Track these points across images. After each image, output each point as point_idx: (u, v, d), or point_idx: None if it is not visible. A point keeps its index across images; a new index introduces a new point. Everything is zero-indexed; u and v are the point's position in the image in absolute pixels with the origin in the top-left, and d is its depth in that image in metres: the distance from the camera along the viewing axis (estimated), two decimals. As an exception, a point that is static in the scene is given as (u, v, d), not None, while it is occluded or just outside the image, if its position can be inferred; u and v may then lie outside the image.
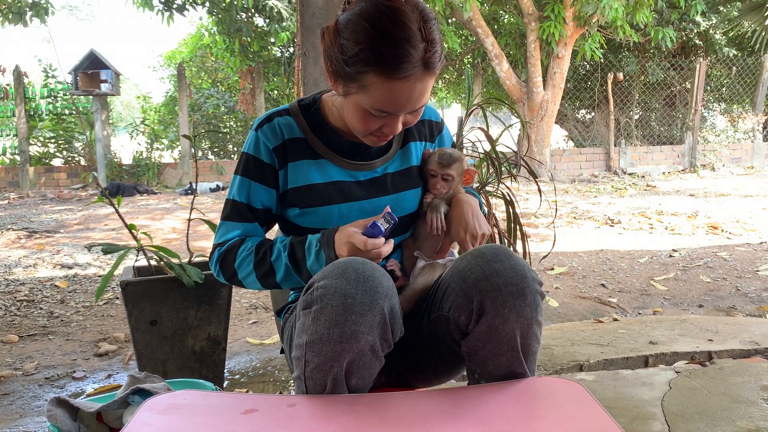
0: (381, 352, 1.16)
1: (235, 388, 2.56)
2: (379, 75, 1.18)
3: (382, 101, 1.22)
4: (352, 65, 1.20)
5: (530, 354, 1.22)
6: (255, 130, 1.39)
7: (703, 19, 11.36)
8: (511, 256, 1.21)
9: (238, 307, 3.62)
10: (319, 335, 1.11)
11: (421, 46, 1.17)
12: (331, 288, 1.12)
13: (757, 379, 2.28)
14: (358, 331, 1.10)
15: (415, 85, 1.20)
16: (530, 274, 1.20)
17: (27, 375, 2.66)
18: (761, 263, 4.40)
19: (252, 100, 11.00)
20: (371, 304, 1.11)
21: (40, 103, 10.51)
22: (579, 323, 3.17)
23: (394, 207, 1.40)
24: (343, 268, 1.14)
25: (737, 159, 11.81)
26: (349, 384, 1.14)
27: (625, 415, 2.03)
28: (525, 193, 7.49)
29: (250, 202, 1.39)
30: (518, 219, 2.54)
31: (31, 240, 5.57)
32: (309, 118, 1.40)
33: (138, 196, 8.96)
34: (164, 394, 1.21)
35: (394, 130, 1.29)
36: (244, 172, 1.39)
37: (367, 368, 1.15)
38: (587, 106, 12.26)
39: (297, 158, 1.38)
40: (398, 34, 1.16)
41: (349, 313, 1.10)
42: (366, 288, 1.12)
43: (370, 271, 1.14)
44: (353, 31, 1.19)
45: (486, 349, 1.20)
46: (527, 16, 9.59)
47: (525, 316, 1.18)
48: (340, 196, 1.37)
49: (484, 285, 1.18)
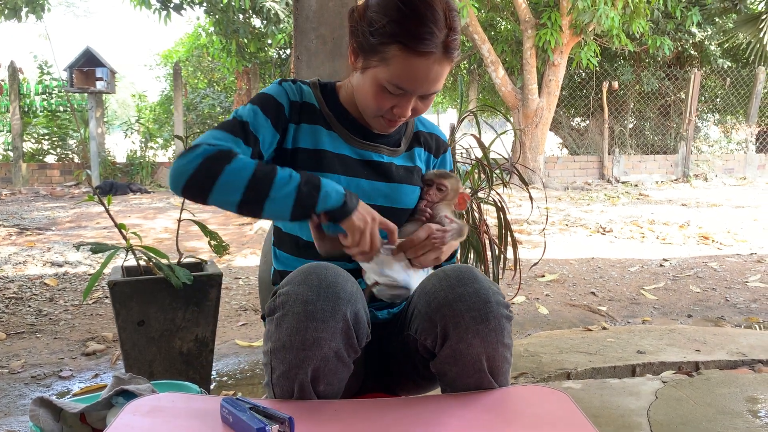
0: (347, 358, 1.15)
1: (222, 390, 2.56)
2: (402, 48, 1.22)
3: (401, 76, 1.24)
4: (378, 36, 1.23)
5: (500, 374, 1.20)
6: (278, 83, 1.41)
7: (698, 30, 11.42)
8: (475, 280, 1.19)
9: (227, 308, 3.61)
10: (281, 342, 1.11)
11: (444, 30, 1.23)
12: (292, 294, 1.12)
13: (743, 390, 2.29)
14: (320, 338, 1.09)
15: (433, 65, 1.24)
16: (494, 298, 1.18)
17: (13, 373, 2.65)
18: (751, 274, 4.42)
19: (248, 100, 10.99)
20: (333, 310, 1.10)
21: (34, 100, 10.48)
22: (568, 331, 3.17)
23: (391, 196, 1.41)
24: (306, 274, 1.14)
25: (730, 170, 11.87)
26: (317, 390, 1.14)
27: (611, 424, 2.03)
28: (518, 200, 7.50)
29: (257, 130, 1.31)
30: (509, 226, 2.55)
31: (21, 237, 5.54)
32: (326, 95, 1.43)
33: (131, 194, 8.93)
34: (148, 396, 1.20)
35: (404, 112, 1.30)
36: (257, 102, 1.35)
37: (334, 374, 1.14)
38: (582, 113, 12.31)
39: (312, 122, 1.39)
40: (426, 13, 1.21)
41: (311, 320, 1.09)
42: (328, 294, 1.11)
43: (333, 277, 1.14)
44: (383, 6, 1.24)
45: (453, 371, 1.20)
46: (524, 24, 9.63)
47: (489, 341, 1.16)
48: (342, 169, 1.38)
49: (447, 310, 1.17)
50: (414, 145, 1.50)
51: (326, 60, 2.28)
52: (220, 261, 4.60)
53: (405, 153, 1.47)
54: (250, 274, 4.37)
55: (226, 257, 4.78)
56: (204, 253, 4.53)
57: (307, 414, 1.10)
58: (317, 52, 2.25)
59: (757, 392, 2.28)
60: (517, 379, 2.47)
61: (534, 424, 1.11)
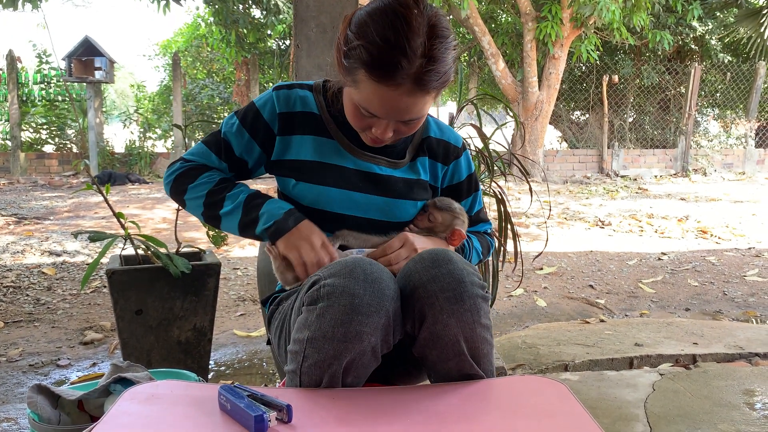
0: (380, 353, 1.16)
1: (220, 380, 2.56)
2: (368, 76, 1.18)
3: (368, 102, 1.22)
4: (348, 58, 1.21)
5: (481, 356, 1.20)
6: (273, 90, 1.41)
7: (699, 24, 11.39)
8: (449, 261, 1.19)
9: (225, 299, 3.61)
10: (322, 332, 1.11)
11: (417, 61, 1.16)
12: (339, 287, 1.11)
13: (740, 383, 2.30)
14: (362, 332, 1.10)
15: (402, 97, 1.19)
16: (469, 278, 1.18)
17: (11, 361, 2.65)
18: (749, 268, 4.43)
19: (247, 91, 10.97)
20: (378, 306, 1.11)
21: (33, 89, 10.44)
22: (566, 323, 3.18)
23: (387, 210, 1.40)
24: (352, 268, 1.14)
25: (729, 164, 11.87)
26: (345, 381, 1.15)
27: (608, 415, 2.04)
28: (517, 193, 7.50)
29: (233, 145, 1.41)
30: (510, 218, 2.54)
31: (19, 226, 5.53)
32: (329, 100, 1.42)
33: (129, 185, 8.92)
34: (146, 383, 1.20)
35: (383, 134, 1.28)
36: (243, 117, 1.41)
37: (365, 368, 1.15)
38: (582, 107, 12.29)
39: (305, 132, 1.39)
40: (398, 41, 1.15)
41: (356, 314, 1.09)
42: (374, 290, 1.11)
43: (378, 273, 1.14)
44: (359, 27, 1.19)
45: (433, 354, 1.19)
46: (524, 16, 9.60)
47: (465, 321, 1.16)
48: (337, 182, 1.37)
49: (422, 292, 1.17)
50: (419, 154, 1.46)
51: (326, 49, 2.27)
52: (219, 252, 4.60)
53: (408, 164, 1.44)
54: (248, 265, 4.37)
55: (224, 248, 4.78)
56: (202, 244, 4.53)
57: (305, 402, 1.10)
58: (317, 41, 2.24)
59: (753, 385, 2.28)
60: (514, 370, 2.48)
61: (532, 414, 1.11)
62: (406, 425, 1.04)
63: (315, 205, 1.37)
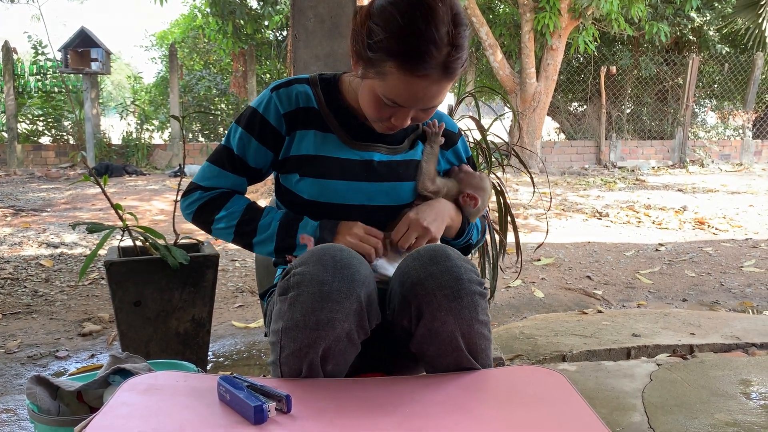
0: (357, 339, 1.16)
1: (219, 371, 2.56)
2: (398, 67, 1.18)
3: (396, 93, 1.22)
4: (375, 51, 1.19)
5: (479, 352, 1.20)
6: (271, 90, 1.40)
7: (697, 15, 11.36)
8: (447, 258, 1.19)
9: (224, 290, 3.61)
10: (294, 322, 1.11)
11: (445, 49, 1.17)
12: (307, 275, 1.12)
13: (737, 373, 2.31)
14: (334, 319, 1.10)
15: (431, 85, 1.20)
16: (466, 275, 1.18)
17: (9, 353, 2.65)
18: (745, 259, 4.44)
19: (244, 83, 10.93)
20: (348, 291, 1.11)
21: (29, 80, 10.40)
22: (563, 314, 3.19)
23: (392, 194, 1.41)
24: (320, 255, 1.15)
25: (726, 156, 11.88)
26: (325, 370, 1.15)
27: (606, 405, 2.05)
28: (515, 184, 7.50)
29: (246, 157, 1.40)
30: (509, 209, 2.54)
31: (17, 218, 5.52)
32: (326, 92, 1.41)
33: (127, 176, 8.90)
34: (145, 374, 1.20)
35: (402, 122, 1.29)
36: (248, 126, 1.40)
37: (343, 355, 1.15)
38: (579, 98, 12.27)
39: (307, 127, 1.39)
40: (426, 32, 1.16)
41: (326, 301, 1.10)
42: (343, 275, 1.12)
43: (348, 258, 1.14)
44: (384, 18, 1.18)
45: (430, 350, 1.19)
46: (522, 7, 9.56)
47: (463, 318, 1.16)
48: (341, 174, 1.38)
49: (419, 289, 1.17)
50: (419, 140, 1.48)
51: (324, 39, 2.25)
52: (217, 243, 4.59)
53: (407, 150, 1.46)
54: (246, 256, 4.37)
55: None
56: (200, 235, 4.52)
57: (304, 392, 1.11)
58: (315, 31, 2.23)
59: (750, 375, 2.30)
60: (512, 361, 2.48)
61: (530, 403, 1.12)
62: (404, 415, 1.05)
63: (320, 198, 1.38)
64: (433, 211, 1.39)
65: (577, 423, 1.04)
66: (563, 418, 1.06)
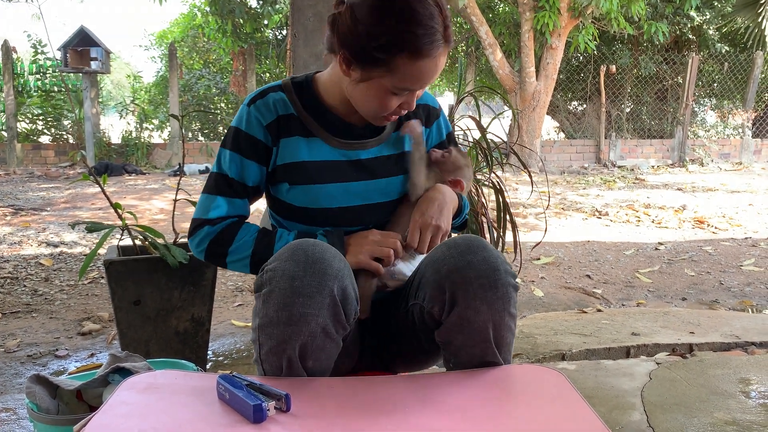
0: (335, 334, 1.15)
1: (218, 370, 2.56)
2: (410, 57, 1.19)
3: (410, 79, 1.23)
4: (383, 50, 1.19)
5: (504, 345, 1.21)
6: (247, 105, 1.37)
7: (697, 14, 11.36)
8: (484, 248, 1.20)
9: (223, 289, 3.61)
10: (269, 318, 1.12)
11: (439, 18, 1.19)
12: (279, 270, 1.12)
13: (736, 371, 2.31)
14: (307, 314, 1.10)
15: (439, 59, 1.22)
16: (503, 267, 1.19)
17: (9, 352, 2.65)
18: (745, 258, 4.44)
19: (244, 82, 10.92)
20: (319, 285, 1.11)
21: (28, 80, 10.39)
22: (563, 313, 3.19)
23: (386, 191, 1.40)
24: (293, 251, 1.14)
25: (726, 155, 11.88)
26: (305, 366, 1.15)
27: (605, 404, 2.05)
28: (514, 183, 7.50)
29: (243, 179, 1.37)
30: (508, 208, 2.54)
31: (16, 217, 5.52)
32: (302, 95, 1.38)
33: (126, 176, 8.89)
34: (144, 373, 1.20)
35: (411, 105, 1.30)
36: (235, 147, 1.36)
37: (322, 350, 1.15)
38: (579, 97, 12.27)
39: (289, 134, 1.36)
40: (423, 12, 1.17)
41: (297, 296, 1.10)
42: (314, 269, 1.11)
43: (320, 253, 1.14)
44: (376, 15, 1.18)
45: (458, 339, 1.20)
46: (522, 6, 9.56)
47: (496, 309, 1.17)
48: (330, 176, 1.36)
49: (456, 277, 1.18)
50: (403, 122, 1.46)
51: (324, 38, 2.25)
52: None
53: (393, 135, 1.44)
54: (246, 256, 4.36)
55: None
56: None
57: (304, 391, 1.11)
58: (314, 30, 2.23)
59: (749, 374, 2.30)
60: (512, 360, 2.48)
61: (530, 402, 1.12)
62: (404, 414, 1.05)
63: (315, 204, 1.36)
64: (436, 204, 1.37)
65: (576, 422, 1.04)
66: (562, 416, 1.06)
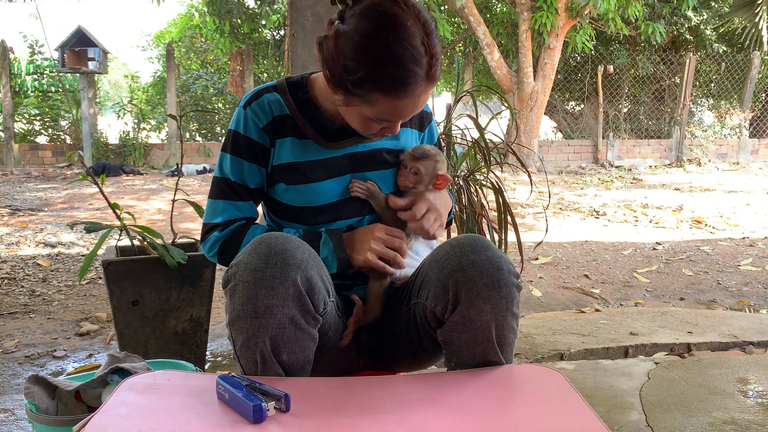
0: (306, 325, 1.15)
1: (217, 370, 2.56)
2: (385, 95, 1.18)
3: (387, 114, 1.22)
4: (358, 86, 1.18)
5: (506, 345, 1.22)
6: (243, 107, 1.37)
7: (694, 14, 11.38)
8: (488, 248, 1.21)
9: (222, 289, 3.60)
10: (236, 313, 1.13)
11: (424, 61, 1.17)
12: (242, 264, 1.13)
13: (734, 371, 2.31)
14: (271, 305, 1.10)
15: (419, 98, 1.22)
16: (506, 266, 1.19)
17: (7, 353, 2.64)
18: (742, 258, 4.45)
19: (241, 82, 10.92)
20: (282, 277, 1.11)
21: (25, 80, 10.36)
22: (561, 313, 3.19)
23: (380, 182, 1.40)
24: (256, 244, 1.15)
25: (723, 154, 11.89)
26: (280, 360, 1.15)
27: (604, 404, 2.05)
28: (512, 183, 7.51)
29: (245, 182, 1.38)
30: (508, 208, 2.54)
31: (14, 217, 5.51)
32: (296, 97, 1.38)
33: (124, 176, 8.88)
34: (143, 373, 1.20)
35: (394, 130, 1.30)
36: (235, 150, 1.37)
37: (295, 342, 1.15)
38: (577, 97, 12.28)
39: (284, 135, 1.37)
40: (403, 54, 1.14)
41: (260, 288, 1.10)
42: (276, 261, 1.12)
43: (283, 244, 1.14)
44: (356, 51, 1.16)
45: (461, 338, 1.20)
46: (519, 6, 9.57)
47: (499, 308, 1.18)
48: (326, 173, 1.36)
49: (460, 276, 1.18)
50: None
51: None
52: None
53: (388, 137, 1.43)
54: (244, 256, 4.35)
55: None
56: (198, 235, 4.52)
57: (303, 391, 1.11)
58: (313, 30, 2.23)
59: (747, 373, 2.30)
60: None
61: (529, 402, 1.12)
62: (403, 413, 1.05)
63: (314, 203, 1.36)
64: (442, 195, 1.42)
65: (575, 421, 1.04)
66: (561, 416, 1.06)
